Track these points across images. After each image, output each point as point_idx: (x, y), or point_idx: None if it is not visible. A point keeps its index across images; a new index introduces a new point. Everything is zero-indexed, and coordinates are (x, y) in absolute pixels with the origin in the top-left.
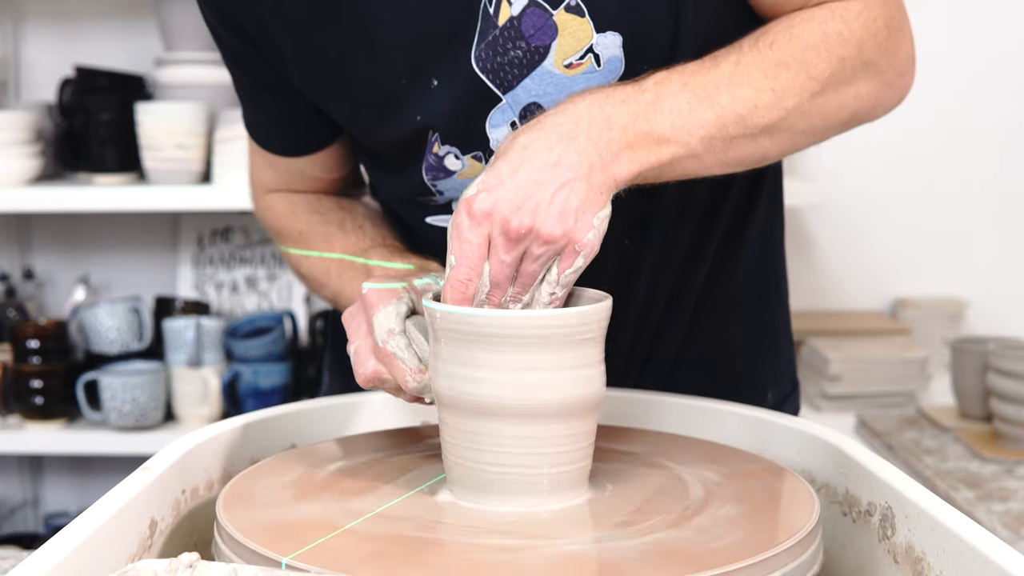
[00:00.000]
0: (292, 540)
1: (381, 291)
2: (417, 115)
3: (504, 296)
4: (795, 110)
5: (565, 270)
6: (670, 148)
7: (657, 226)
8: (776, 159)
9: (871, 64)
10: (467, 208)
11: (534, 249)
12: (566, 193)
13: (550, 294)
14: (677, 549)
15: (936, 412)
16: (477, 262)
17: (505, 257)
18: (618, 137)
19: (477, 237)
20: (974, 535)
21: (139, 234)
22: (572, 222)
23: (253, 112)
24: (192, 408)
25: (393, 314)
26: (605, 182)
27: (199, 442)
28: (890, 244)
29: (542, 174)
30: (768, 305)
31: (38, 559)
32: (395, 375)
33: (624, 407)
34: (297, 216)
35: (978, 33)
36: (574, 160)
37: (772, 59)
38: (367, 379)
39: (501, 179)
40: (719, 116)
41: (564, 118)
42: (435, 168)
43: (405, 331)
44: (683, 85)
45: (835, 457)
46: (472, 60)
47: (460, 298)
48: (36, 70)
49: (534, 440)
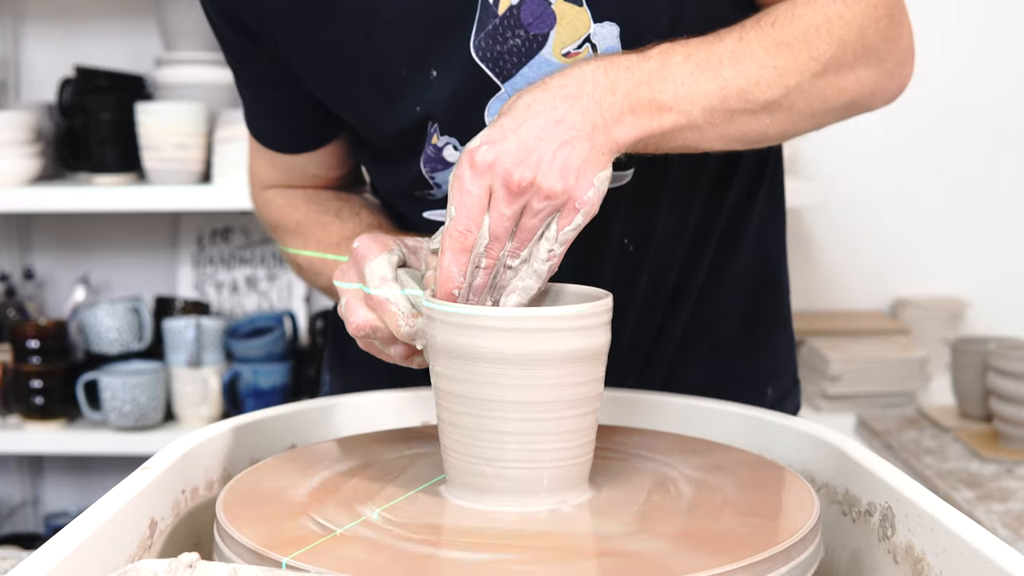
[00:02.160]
0: (292, 540)
1: (372, 243)
2: (417, 106)
3: (502, 250)
4: (796, 88)
5: (564, 227)
6: (672, 116)
7: (657, 225)
8: (775, 140)
9: (872, 51)
10: (469, 160)
11: (534, 203)
12: (568, 150)
13: (548, 251)
14: (677, 549)
15: (936, 412)
16: (477, 213)
17: (505, 210)
18: (621, 101)
19: (478, 188)
20: (974, 535)
21: (139, 234)
22: (573, 179)
23: (254, 109)
24: (192, 408)
25: (385, 263)
26: (607, 143)
27: (199, 442)
28: (890, 244)
29: (545, 130)
30: (768, 301)
31: (38, 559)
32: (387, 321)
33: (623, 407)
34: (295, 207)
35: (980, 35)
36: (577, 119)
37: (774, 38)
38: (358, 327)
39: (504, 133)
40: (721, 88)
41: (569, 80)
42: (434, 160)
43: (397, 278)
44: (687, 56)
45: (835, 457)
46: (472, 49)
47: (458, 248)
48: (36, 70)
49: (534, 439)
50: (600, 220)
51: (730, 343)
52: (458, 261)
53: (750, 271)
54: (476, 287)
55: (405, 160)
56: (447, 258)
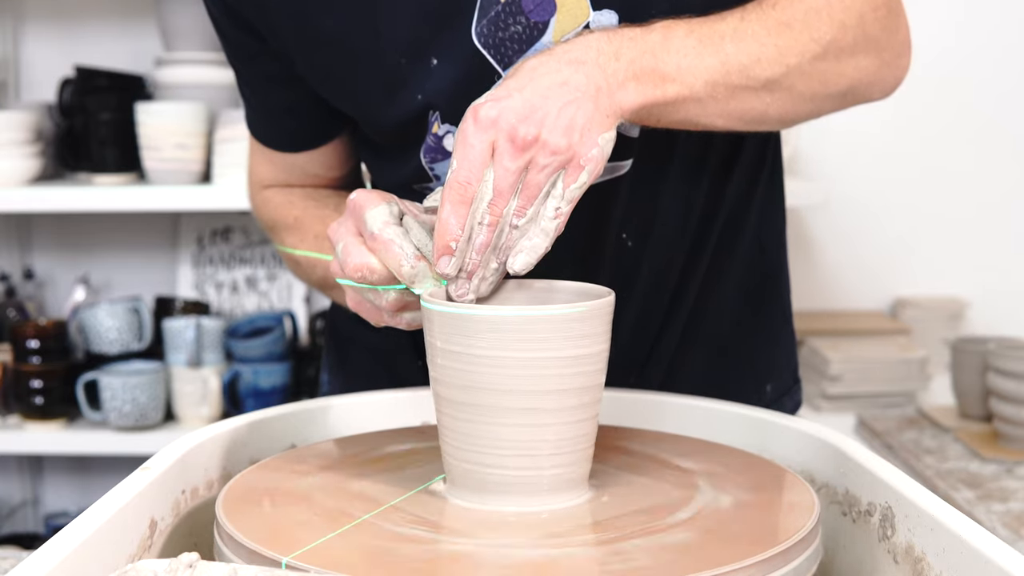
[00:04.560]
0: (292, 540)
1: (371, 194)
2: (418, 94)
3: (507, 207)
4: (797, 69)
5: (570, 184)
6: (675, 87)
7: (655, 220)
8: (775, 123)
9: (871, 38)
10: (473, 115)
11: (539, 159)
12: (573, 110)
13: (555, 208)
14: (677, 549)
15: (936, 412)
16: (478, 166)
17: (509, 164)
18: (625, 67)
19: (481, 143)
20: (974, 535)
21: (139, 234)
22: (578, 136)
23: (256, 107)
24: (192, 408)
25: (386, 211)
26: (611, 106)
27: (199, 442)
28: (890, 244)
29: (550, 91)
30: (768, 299)
31: (38, 559)
32: (388, 261)
33: (624, 407)
34: (293, 204)
35: (980, 33)
36: (581, 81)
37: (776, 18)
38: (355, 268)
39: (509, 92)
40: (723, 63)
41: (574, 47)
42: (434, 150)
43: (401, 223)
44: (689, 31)
45: (835, 457)
46: (473, 36)
47: (457, 200)
48: (36, 70)
49: (534, 439)
50: (598, 214)
51: (730, 340)
52: (457, 213)
53: (750, 269)
54: (479, 245)
55: (405, 153)
56: (446, 210)
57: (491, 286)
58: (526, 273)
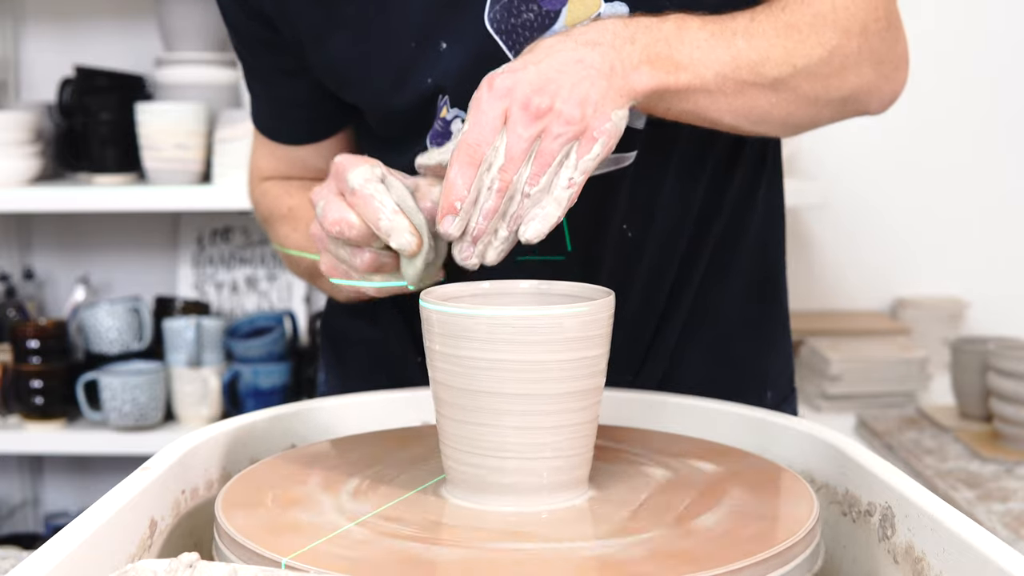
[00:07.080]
0: (292, 540)
1: (354, 157)
2: (428, 77)
3: (519, 175)
4: (803, 70)
5: (584, 155)
6: (687, 75)
7: (657, 213)
8: (778, 124)
9: (872, 48)
10: (488, 83)
11: (553, 127)
12: (587, 85)
13: (569, 178)
14: (677, 549)
15: (936, 412)
16: (490, 131)
17: (522, 132)
18: (639, 51)
19: (494, 109)
20: (974, 535)
21: (139, 234)
22: (592, 110)
23: (262, 100)
24: (192, 408)
25: (368, 170)
26: (624, 87)
27: (199, 442)
28: (890, 244)
29: (565, 66)
30: (767, 303)
31: (38, 559)
32: (367, 215)
33: (623, 407)
34: (289, 194)
35: (978, 35)
36: (596, 60)
37: (784, 20)
38: (333, 222)
39: (525, 65)
40: (734, 57)
41: (590, 29)
42: (441, 135)
43: (383, 181)
44: (702, 24)
45: (835, 457)
46: (486, 21)
47: (466, 161)
48: (36, 70)
49: (533, 439)
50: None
51: (729, 343)
52: (464, 174)
53: (751, 269)
54: (487, 210)
55: (410, 141)
56: (454, 170)
57: (500, 255)
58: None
